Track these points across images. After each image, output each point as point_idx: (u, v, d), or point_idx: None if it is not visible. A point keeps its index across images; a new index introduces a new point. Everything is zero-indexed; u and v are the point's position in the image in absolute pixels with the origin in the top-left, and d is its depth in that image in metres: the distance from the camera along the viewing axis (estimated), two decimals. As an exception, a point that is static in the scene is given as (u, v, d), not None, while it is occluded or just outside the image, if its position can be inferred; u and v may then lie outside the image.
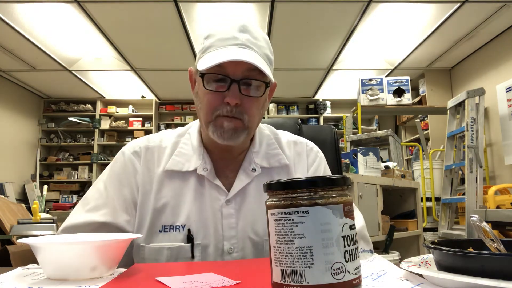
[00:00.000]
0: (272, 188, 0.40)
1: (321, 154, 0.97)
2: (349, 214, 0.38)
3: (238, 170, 0.86)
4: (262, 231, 0.83)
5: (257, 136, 0.91)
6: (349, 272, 0.36)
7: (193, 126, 0.93)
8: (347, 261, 0.37)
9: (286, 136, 0.96)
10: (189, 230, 0.80)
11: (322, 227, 0.36)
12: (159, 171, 0.85)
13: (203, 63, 0.76)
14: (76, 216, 0.82)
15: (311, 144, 0.97)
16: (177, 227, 0.80)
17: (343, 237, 0.37)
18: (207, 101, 0.79)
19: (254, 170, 0.86)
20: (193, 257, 0.79)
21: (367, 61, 4.88)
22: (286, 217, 0.38)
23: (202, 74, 0.77)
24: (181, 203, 0.82)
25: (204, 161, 0.85)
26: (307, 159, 0.93)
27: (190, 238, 0.79)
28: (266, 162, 0.88)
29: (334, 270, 0.36)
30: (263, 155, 0.89)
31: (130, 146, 0.89)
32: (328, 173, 0.96)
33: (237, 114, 0.78)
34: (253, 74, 0.77)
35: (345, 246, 0.37)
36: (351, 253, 0.37)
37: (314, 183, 0.38)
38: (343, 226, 0.37)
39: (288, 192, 0.39)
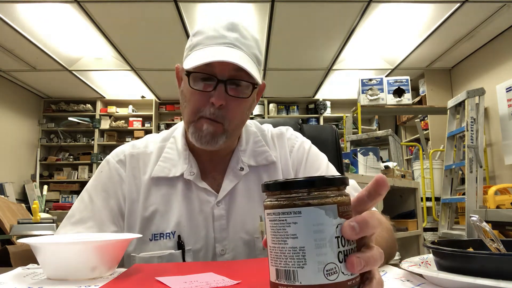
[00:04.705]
0: (268, 188, 0.40)
1: (301, 139, 0.94)
2: (344, 214, 0.38)
3: (225, 171, 0.85)
4: (253, 229, 0.82)
5: (243, 134, 0.90)
6: (343, 273, 0.36)
7: (178, 128, 0.91)
8: (341, 262, 0.36)
9: (270, 130, 0.95)
10: (179, 236, 0.79)
11: (315, 228, 0.36)
12: (145, 178, 0.83)
13: (190, 62, 0.75)
14: (62, 231, 0.80)
15: (289, 133, 0.95)
16: (167, 234, 0.79)
17: (337, 237, 0.37)
18: (192, 101, 0.78)
19: (242, 169, 0.85)
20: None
21: (367, 61, 4.88)
22: (280, 218, 0.38)
23: (188, 73, 0.76)
24: (170, 209, 0.81)
25: (190, 165, 0.83)
26: (287, 149, 0.91)
27: (180, 245, 0.78)
28: (254, 160, 0.87)
29: (326, 270, 0.36)
30: (250, 154, 0.88)
31: (115, 154, 0.88)
32: (317, 155, 0.93)
33: (219, 117, 0.77)
34: (241, 74, 0.75)
35: (339, 247, 0.37)
36: (346, 253, 0.37)
37: (308, 183, 0.38)
38: (337, 227, 0.37)
39: (283, 192, 0.39)
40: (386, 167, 2.80)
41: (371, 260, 0.38)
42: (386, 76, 4.32)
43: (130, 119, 6.47)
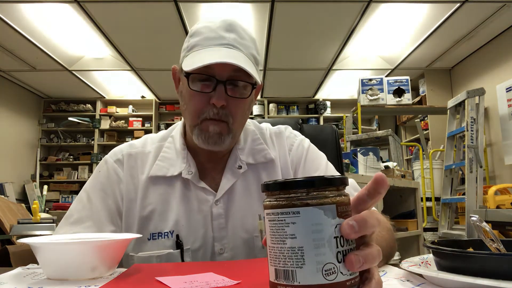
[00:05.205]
0: (267, 188, 0.40)
1: (300, 137, 0.94)
2: (343, 214, 0.38)
3: (224, 170, 0.85)
4: (252, 228, 0.81)
5: (242, 133, 0.90)
6: (342, 273, 0.36)
7: (177, 128, 0.91)
8: (340, 262, 0.36)
9: (268, 129, 0.94)
10: (177, 235, 0.79)
11: (314, 228, 0.36)
12: (143, 177, 0.83)
13: (189, 63, 0.75)
14: (60, 231, 0.79)
15: (288, 131, 0.95)
16: (166, 233, 0.79)
17: (336, 237, 0.37)
18: (193, 103, 0.78)
19: (240, 167, 0.85)
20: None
21: (367, 61, 4.88)
22: (278, 218, 0.38)
23: (187, 74, 0.76)
24: (168, 209, 0.81)
25: (189, 164, 0.83)
26: (286, 148, 0.91)
27: (179, 244, 0.78)
28: (252, 158, 0.87)
29: (325, 270, 0.36)
30: (248, 151, 0.88)
31: (113, 153, 0.88)
32: (316, 154, 0.92)
33: (223, 116, 0.77)
34: (239, 75, 0.76)
35: (337, 247, 0.36)
36: (344, 254, 0.37)
37: (307, 183, 0.38)
38: (336, 227, 0.37)
39: (282, 192, 0.39)
40: (386, 167, 2.80)
41: (369, 257, 0.38)
42: (386, 76, 4.32)
43: (130, 119, 6.47)
